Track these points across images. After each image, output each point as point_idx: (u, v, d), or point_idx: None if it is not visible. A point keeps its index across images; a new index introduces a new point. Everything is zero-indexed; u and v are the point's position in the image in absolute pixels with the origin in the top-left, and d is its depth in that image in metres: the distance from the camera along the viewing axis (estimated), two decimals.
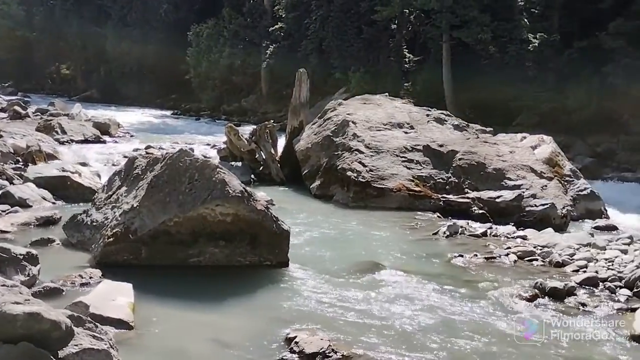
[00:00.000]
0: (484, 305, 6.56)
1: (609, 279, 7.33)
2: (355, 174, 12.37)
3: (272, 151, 15.15)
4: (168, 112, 40.25)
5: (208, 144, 20.05)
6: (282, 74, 32.53)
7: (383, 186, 12.08)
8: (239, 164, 15.04)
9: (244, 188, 7.53)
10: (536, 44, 24.51)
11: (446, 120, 14.38)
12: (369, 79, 28.72)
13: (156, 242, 7.29)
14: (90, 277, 6.72)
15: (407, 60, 30.67)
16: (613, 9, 22.14)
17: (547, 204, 11.27)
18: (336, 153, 13.15)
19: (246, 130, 18.03)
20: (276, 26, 37.34)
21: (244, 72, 39.04)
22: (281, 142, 15.88)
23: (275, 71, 36.01)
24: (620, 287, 7.10)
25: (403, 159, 12.68)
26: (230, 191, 7.31)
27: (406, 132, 13.58)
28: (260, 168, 14.94)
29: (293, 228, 8.22)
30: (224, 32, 39.03)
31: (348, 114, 14.01)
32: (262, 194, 10.28)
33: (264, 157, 14.95)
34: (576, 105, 22.37)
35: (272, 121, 16.72)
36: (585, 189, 12.80)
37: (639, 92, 20.78)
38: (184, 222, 7.31)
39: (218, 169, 7.50)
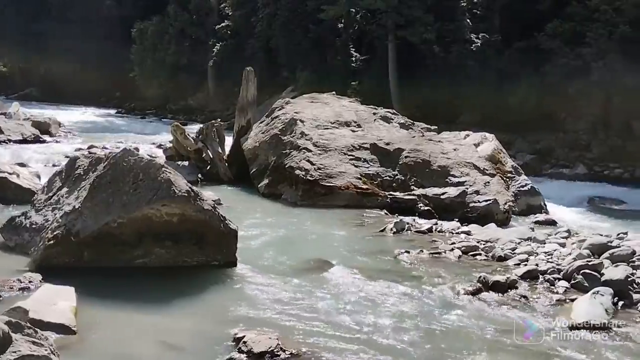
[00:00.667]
0: (430, 299, 6.69)
1: (549, 271, 7.59)
2: (303, 173, 12.40)
3: (220, 150, 15.00)
4: (112, 111, 39.33)
5: (154, 144, 19.66)
6: (230, 72, 32.24)
7: (331, 184, 12.15)
8: (186, 163, 14.85)
9: (190, 188, 7.44)
10: (478, 44, 25.13)
11: (392, 119, 14.57)
12: (317, 77, 28.79)
13: (99, 244, 7.12)
14: (30, 282, 6.51)
15: (354, 59, 30.90)
16: (550, 10, 22.92)
17: (489, 200, 11.59)
18: (284, 151, 13.15)
19: (193, 129, 17.79)
20: (223, 24, 37.01)
21: (191, 70, 38.49)
22: (229, 141, 15.74)
23: (222, 69, 35.68)
24: (559, 279, 7.35)
25: (351, 157, 12.78)
26: (176, 191, 7.21)
27: (353, 131, 13.69)
28: (208, 167, 14.78)
29: (241, 227, 8.17)
30: (170, 30, 38.38)
31: (296, 113, 14.02)
32: (209, 194, 10.16)
33: (211, 156, 14.79)
34: (517, 104, 23.04)
35: (219, 120, 16.59)
36: (526, 185, 13.22)
37: (575, 91, 21.59)
38: (128, 222, 7.16)
39: (163, 169, 7.39)
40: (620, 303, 6.59)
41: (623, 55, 20.48)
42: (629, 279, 6.94)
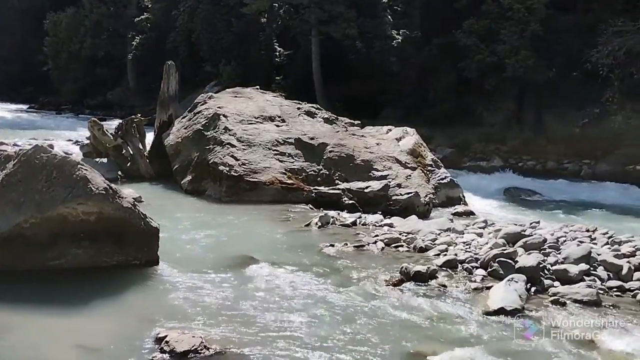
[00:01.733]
0: (354, 292, 6.77)
1: (467, 260, 7.86)
2: (227, 168, 12.26)
3: (140, 146, 14.61)
4: (24, 106, 37.46)
5: (70, 140, 18.90)
6: (150, 67, 31.44)
7: (256, 180, 12.08)
8: (105, 160, 14.38)
9: (108, 185, 7.19)
10: (399, 40, 25.66)
11: (316, 114, 14.65)
12: (240, 72, 28.59)
13: (10, 246, 6.74)
14: None
15: (277, 54, 30.87)
16: (467, 8, 23.71)
17: (411, 193, 11.88)
18: (207, 147, 12.96)
19: (112, 125, 17.21)
20: (142, 17, 35.98)
21: (109, 64, 37.26)
22: (149, 136, 15.35)
23: (142, 63, 34.76)
24: (477, 268, 7.63)
25: (275, 152, 12.75)
26: (93, 189, 6.95)
27: (278, 126, 13.66)
28: (128, 164, 14.36)
29: (163, 225, 7.97)
30: (85, 22, 36.96)
31: (219, 108, 13.84)
32: (129, 191, 9.88)
33: (131, 152, 14.38)
34: (437, 99, 23.74)
35: (139, 115, 16.16)
36: (445, 177, 13.64)
37: (490, 86, 22.46)
38: (41, 223, 6.83)
39: (79, 166, 7.10)
40: (533, 289, 6.91)
41: (534, 52, 21.49)
42: (540, 266, 7.29)
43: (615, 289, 7.07)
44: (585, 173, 19.98)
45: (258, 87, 16.60)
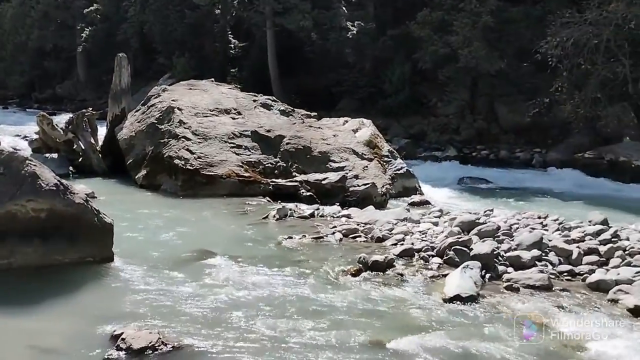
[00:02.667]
0: (312, 283, 6.79)
1: (423, 249, 7.98)
2: (183, 162, 12.11)
3: (92, 141, 14.28)
4: None
5: (18, 135, 18.32)
6: (101, 59, 30.77)
7: (212, 173, 11.96)
8: (55, 155, 13.98)
9: (58, 181, 7.01)
10: (354, 32, 25.72)
11: (273, 106, 14.58)
12: (195, 64, 28.21)
13: None
14: None
15: (232, 45, 30.55)
16: (420, 0, 23.93)
17: (368, 184, 11.98)
18: (162, 141, 12.76)
19: (62, 119, 16.75)
20: (92, 8, 35.03)
21: (58, 57, 36.21)
22: (102, 131, 15.01)
23: (93, 56, 33.95)
24: (433, 256, 7.75)
25: (232, 145, 12.65)
26: (42, 185, 6.77)
27: (234, 118, 13.54)
28: (80, 159, 14.03)
29: (118, 221, 7.83)
30: (32, 13, 35.77)
31: (173, 100, 13.63)
32: (81, 187, 9.66)
33: (83, 147, 14.05)
34: (392, 90, 23.91)
35: (90, 109, 15.81)
36: (401, 168, 13.79)
37: (444, 77, 22.75)
38: None
39: (28, 162, 6.90)
40: (488, 275, 7.07)
41: (486, 43, 21.86)
42: (494, 253, 7.46)
43: (565, 274, 7.29)
44: (536, 161, 20.48)
45: (213, 79, 16.42)
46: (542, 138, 21.58)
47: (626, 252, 7.60)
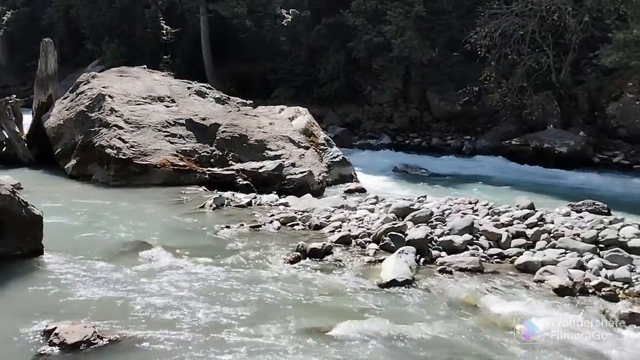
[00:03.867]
0: (251, 272, 6.80)
1: (360, 235, 8.12)
2: (115, 151, 11.80)
3: (17, 129, 13.69)
4: None
5: None
6: (24, 44, 29.38)
7: (146, 162, 11.72)
8: None
9: None
10: (289, 19, 25.63)
11: (207, 94, 14.39)
12: (125, 50, 27.39)
13: None
14: None
15: (164, 32, 29.82)
16: None
17: (305, 172, 12.05)
18: (92, 129, 12.38)
19: None
20: None
21: None
22: (27, 119, 14.39)
23: (16, 40, 32.36)
24: (370, 242, 7.91)
25: (166, 133, 12.41)
26: None
27: (167, 106, 13.28)
28: (4, 149, 13.42)
29: (47, 212, 7.55)
30: None
31: (104, 87, 13.22)
32: (6, 178, 9.24)
33: (7, 136, 13.45)
34: (327, 79, 24.02)
35: (14, 96, 15.07)
36: (337, 156, 13.93)
37: (378, 66, 23.05)
38: None
39: None
40: (422, 260, 7.28)
41: (418, 33, 22.28)
42: (428, 238, 7.69)
43: (495, 256, 7.60)
44: (466, 148, 21.12)
45: (145, 66, 16.02)
46: (472, 126, 22.27)
47: (551, 235, 7.99)
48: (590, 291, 6.46)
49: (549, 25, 20.39)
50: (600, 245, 7.64)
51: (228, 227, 8.57)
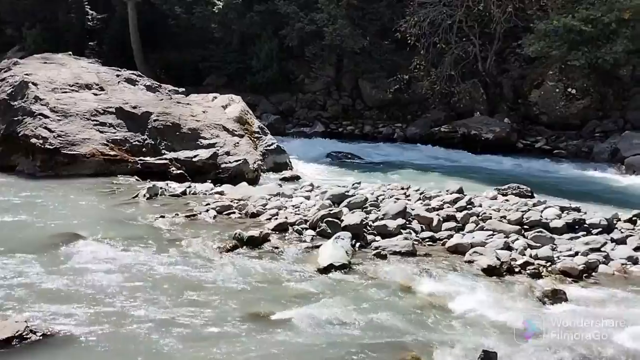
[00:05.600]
0: (188, 261, 6.77)
1: (297, 222, 8.21)
2: (41, 141, 11.37)
3: None
4: None
5: None
6: None
7: (75, 152, 11.37)
8: None
9: None
10: (220, 6, 25.25)
11: (138, 81, 14.06)
12: (48, 36, 26.21)
13: None
14: None
15: (90, 17, 28.74)
16: None
17: (240, 160, 12.02)
18: (16, 118, 11.88)
19: None
20: None
21: None
22: None
23: None
24: (306, 229, 8.02)
25: (95, 122, 12.06)
26: None
27: (96, 94, 12.88)
28: None
29: None
30: None
31: (27, 75, 12.69)
32: None
33: None
34: (260, 67, 23.89)
35: None
36: (272, 144, 13.95)
37: (311, 54, 23.13)
38: None
39: None
40: (358, 244, 7.46)
41: (350, 21, 22.48)
42: (363, 223, 7.87)
43: (427, 239, 7.87)
44: (398, 136, 21.55)
45: (70, 53, 15.46)
46: (403, 114, 22.73)
47: (479, 218, 8.36)
48: (516, 270, 6.82)
49: (475, 15, 21.03)
50: (525, 227, 8.07)
51: (163, 216, 8.47)
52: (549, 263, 7.02)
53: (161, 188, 10.05)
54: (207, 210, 8.85)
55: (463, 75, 21.45)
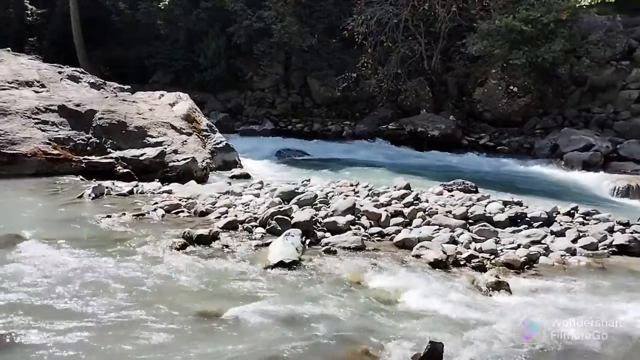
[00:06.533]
0: (136, 261, 6.66)
1: (247, 220, 8.21)
2: None
3: None
4: None
5: None
6: None
7: (15, 152, 10.99)
8: None
9: None
10: (166, 2, 24.89)
11: (81, 78, 13.72)
12: None
13: None
14: None
15: (29, 12, 27.83)
16: None
17: (188, 159, 11.90)
18: None
19: None
20: None
21: None
22: None
23: None
24: (256, 227, 8.02)
25: (36, 120, 11.70)
26: None
27: (37, 92, 12.50)
28: None
29: None
30: None
31: None
32: None
33: None
34: (207, 64, 23.67)
35: None
36: (221, 142, 13.87)
37: (259, 51, 23.07)
38: None
39: None
40: (308, 241, 7.52)
41: (298, 19, 22.54)
42: (313, 220, 7.94)
43: (376, 235, 8.02)
44: (346, 133, 21.75)
45: (9, 49, 14.94)
46: (351, 111, 22.96)
47: (426, 213, 8.56)
48: (461, 263, 7.03)
49: (420, 15, 21.43)
50: (470, 221, 8.31)
51: (109, 216, 8.31)
52: (493, 256, 7.26)
53: (107, 187, 9.85)
54: (155, 210, 8.73)
55: (409, 74, 21.84)
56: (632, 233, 8.25)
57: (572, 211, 9.09)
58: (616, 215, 9.45)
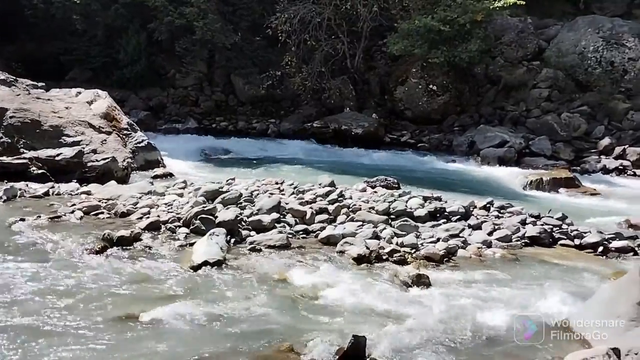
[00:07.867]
0: (54, 265, 6.43)
1: (170, 220, 8.08)
2: None
3: None
4: None
5: None
6: None
7: None
8: None
9: None
10: None
11: None
12: None
13: None
14: None
15: None
16: None
17: (108, 158, 11.56)
18: None
19: None
20: None
21: None
22: None
23: None
24: (180, 227, 7.91)
25: None
26: None
27: None
28: None
29: None
30: None
31: None
32: None
33: None
34: (127, 61, 22.98)
35: None
36: (142, 141, 13.53)
37: (181, 49, 22.65)
38: None
39: None
40: (233, 240, 7.50)
41: (221, 16, 22.30)
42: (238, 219, 7.92)
43: (301, 232, 8.10)
44: (271, 131, 21.70)
45: None
46: (276, 109, 22.93)
47: (350, 210, 8.72)
48: (384, 258, 7.21)
49: (343, 14, 21.69)
50: (392, 216, 8.54)
51: (23, 219, 7.95)
52: (414, 250, 7.49)
53: (20, 189, 9.43)
54: (73, 211, 8.44)
55: (333, 72, 22.06)
56: (542, 225, 8.73)
57: (487, 205, 9.51)
58: (528, 208, 9.96)
